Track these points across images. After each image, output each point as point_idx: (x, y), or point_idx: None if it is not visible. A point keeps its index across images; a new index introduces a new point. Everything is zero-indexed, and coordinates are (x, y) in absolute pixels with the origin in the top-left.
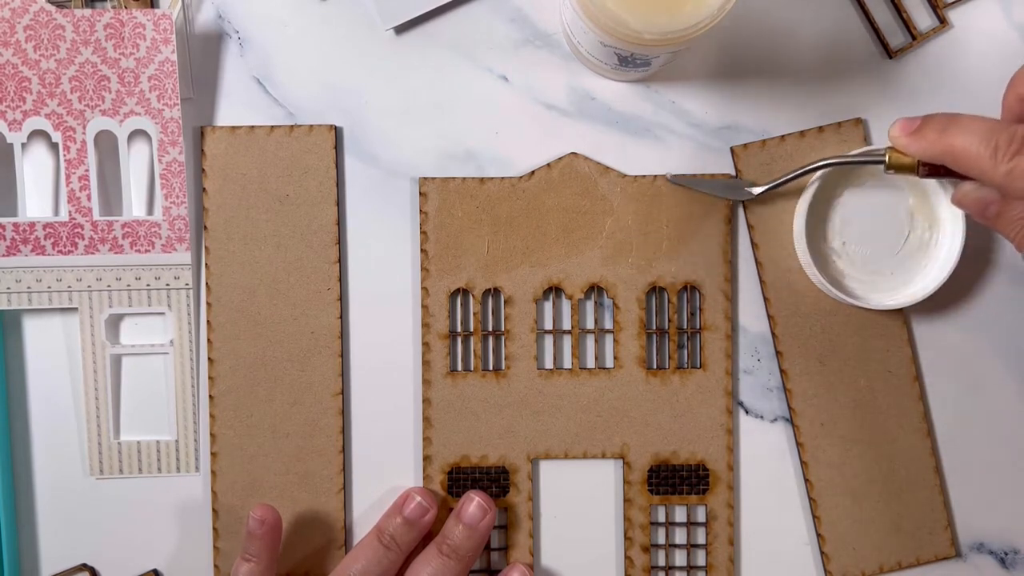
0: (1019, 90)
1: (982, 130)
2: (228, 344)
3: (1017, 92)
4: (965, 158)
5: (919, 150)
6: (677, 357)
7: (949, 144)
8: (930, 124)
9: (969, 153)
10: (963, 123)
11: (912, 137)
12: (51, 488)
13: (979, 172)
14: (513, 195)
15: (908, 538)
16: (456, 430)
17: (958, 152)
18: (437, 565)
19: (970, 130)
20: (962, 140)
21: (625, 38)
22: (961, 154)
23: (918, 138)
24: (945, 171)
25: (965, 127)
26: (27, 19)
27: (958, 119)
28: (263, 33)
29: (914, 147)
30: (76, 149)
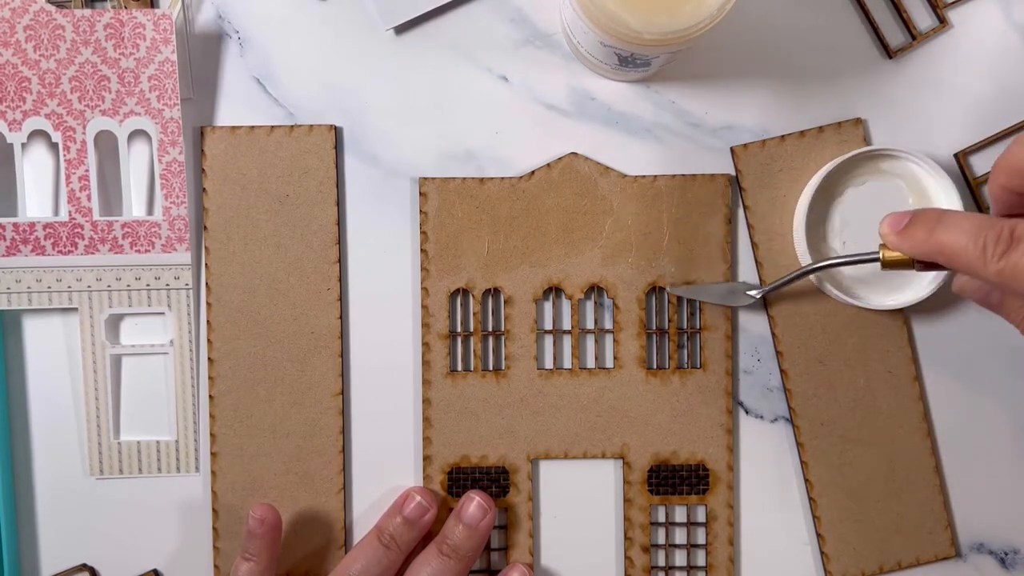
0: (1000, 180)
1: (970, 228)
2: (228, 344)
3: (999, 182)
4: (955, 257)
5: (909, 249)
6: (677, 357)
7: (938, 243)
8: (918, 222)
9: (958, 252)
10: (951, 221)
11: (901, 236)
12: (51, 488)
13: (971, 271)
14: (513, 195)
15: (908, 538)
16: (456, 430)
17: (947, 251)
18: (437, 565)
19: (959, 228)
20: (950, 239)
21: (625, 38)
22: (951, 254)
23: (907, 237)
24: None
25: (953, 225)
26: (27, 19)
27: (945, 217)
28: (263, 33)
29: (904, 247)
30: (76, 149)
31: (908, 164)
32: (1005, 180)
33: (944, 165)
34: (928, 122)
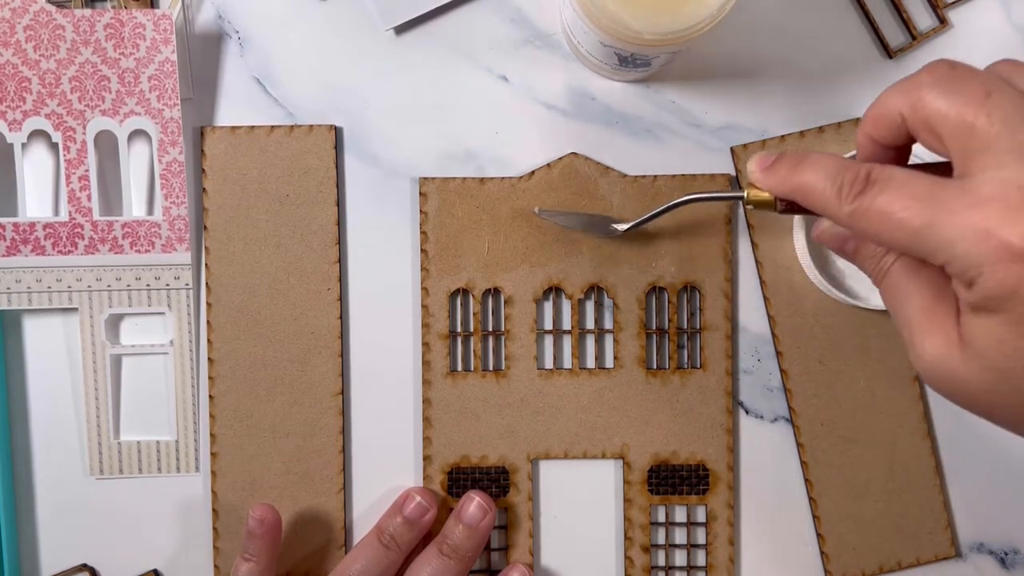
0: (866, 129)
1: (830, 168)
2: (228, 344)
3: (865, 131)
4: (813, 196)
5: (771, 186)
6: (677, 357)
7: (799, 181)
8: (783, 160)
9: (816, 191)
10: (813, 160)
11: (765, 173)
12: (51, 488)
13: (827, 211)
14: (513, 195)
15: (908, 538)
16: (456, 430)
17: (806, 189)
18: (437, 565)
19: (819, 167)
20: (810, 177)
21: (625, 38)
22: (809, 191)
23: (770, 174)
24: (802, 207)
25: (814, 164)
26: (27, 19)
27: (809, 156)
28: (263, 33)
29: (767, 183)
30: (76, 149)
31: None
32: (871, 129)
33: None
34: None
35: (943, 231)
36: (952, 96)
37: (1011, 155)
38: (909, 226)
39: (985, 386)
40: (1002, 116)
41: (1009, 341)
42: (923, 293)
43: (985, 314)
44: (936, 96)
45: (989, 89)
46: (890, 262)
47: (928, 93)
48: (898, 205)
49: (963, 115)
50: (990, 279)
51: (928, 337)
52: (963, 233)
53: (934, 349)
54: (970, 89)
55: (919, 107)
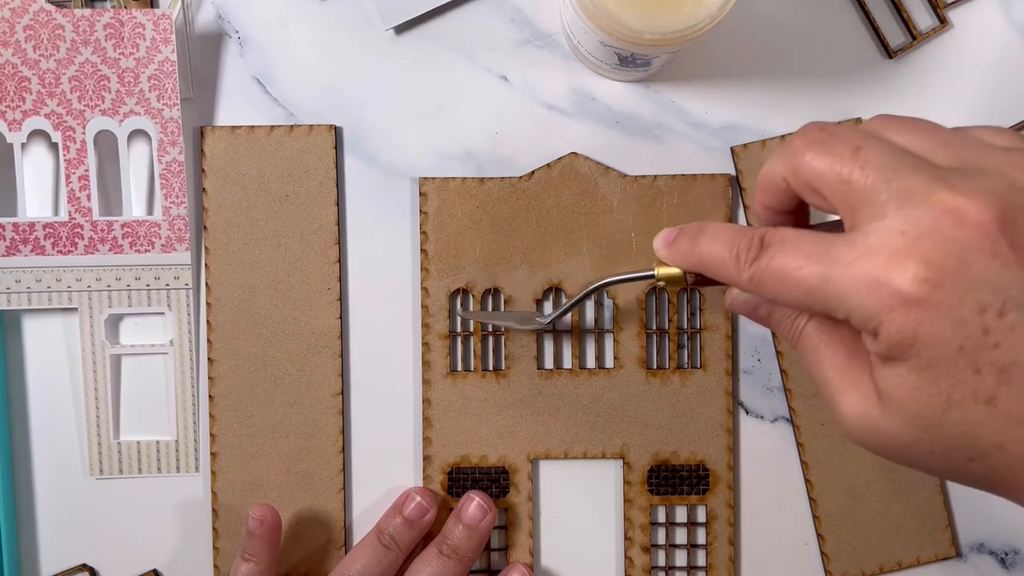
0: (759, 198)
1: (726, 236)
2: (228, 344)
3: (759, 200)
4: (713, 266)
5: (675, 261)
6: (677, 357)
7: (699, 254)
8: (683, 234)
9: (716, 261)
10: (711, 231)
11: (668, 249)
12: (51, 488)
13: (729, 279)
14: (513, 195)
15: (908, 538)
16: (456, 430)
17: (707, 261)
18: (437, 565)
19: (716, 238)
20: (709, 248)
21: (625, 38)
22: (710, 262)
23: (674, 250)
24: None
25: (712, 235)
26: (27, 19)
27: (707, 227)
28: (263, 33)
29: (671, 259)
30: (76, 149)
31: None
32: (762, 197)
33: None
34: None
35: (838, 285)
36: (825, 156)
37: (890, 204)
38: (805, 284)
39: (910, 436)
40: (874, 166)
41: (922, 388)
42: (837, 352)
43: (894, 364)
44: (812, 157)
45: (857, 144)
46: (803, 324)
47: (803, 156)
48: (792, 265)
49: (839, 172)
50: (890, 327)
51: (846, 396)
52: (856, 285)
53: (852, 407)
54: (840, 146)
55: (798, 170)
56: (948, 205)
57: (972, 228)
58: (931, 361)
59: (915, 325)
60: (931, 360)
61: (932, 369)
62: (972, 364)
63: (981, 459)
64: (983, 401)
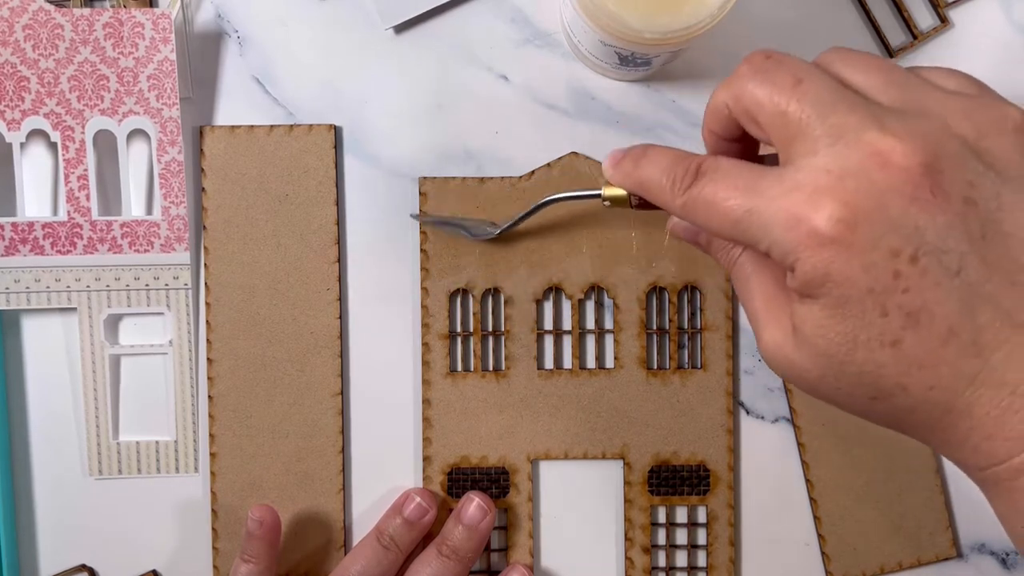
0: (707, 125)
1: (665, 161)
2: (227, 344)
3: (706, 125)
4: (652, 190)
5: (618, 181)
6: (677, 357)
7: (639, 176)
8: (628, 155)
9: (654, 185)
10: (652, 154)
11: (614, 169)
12: (51, 488)
13: (664, 204)
14: (513, 195)
15: (909, 538)
16: (456, 430)
17: (646, 184)
18: (437, 566)
19: (655, 161)
20: (649, 171)
21: (625, 37)
22: (648, 186)
23: (617, 169)
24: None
25: (653, 158)
26: (26, 18)
27: (650, 151)
28: (263, 33)
29: (615, 178)
30: (75, 149)
31: None
32: (709, 123)
33: None
34: None
35: (761, 218)
36: (766, 85)
37: (822, 140)
38: (732, 215)
39: (817, 371)
40: (812, 101)
41: (830, 326)
42: (765, 284)
43: (808, 301)
44: (754, 86)
45: (800, 76)
46: (738, 254)
47: (747, 83)
48: (721, 195)
49: (776, 103)
50: (805, 264)
51: (767, 327)
52: (777, 220)
53: (772, 339)
54: (782, 77)
55: (739, 97)
56: (876, 147)
57: (895, 171)
58: (840, 301)
59: (827, 264)
60: (840, 300)
61: (841, 309)
62: (880, 307)
63: (884, 399)
64: (888, 344)
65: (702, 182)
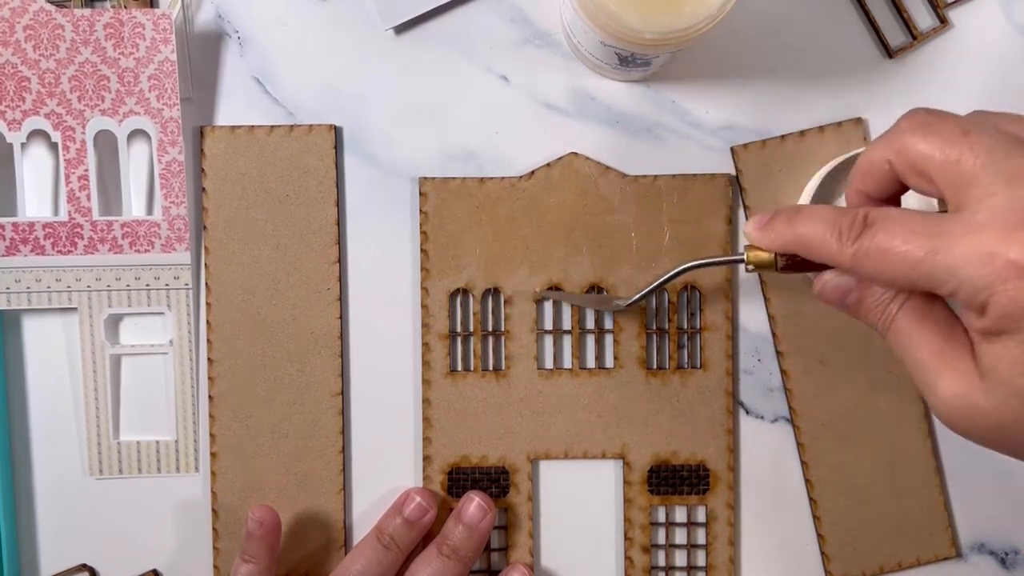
0: (856, 185)
1: (827, 216)
2: (228, 344)
3: (855, 187)
4: (812, 245)
5: (770, 242)
6: (677, 357)
7: (796, 232)
8: (778, 215)
9: (815, 240)
10: (808, 211)
11: (762, 232)
12: (51, 488)
13: (829, 257)
14: (513, 195)
15: (909, 538)
16: (456, 430)
17: (805, 240)
18: (437, 566)
19: (815, 217)
20: (809, 227)
21: (625, 38)
22: (808, 242)
23: (768, 231)
24: (801, 263)
25: (810, 215)
26: (26, 19)
27: (804, 208)
28: (263, 33)
29: (765, 240)
30: (75, 149)
31: None
32: (860, 184)
33: None
34: None
35: (947, 259)
36: (933, 137)
37: (999, 183)
38: (911, 258)
39: (1014, 414)
40: (984, 149)
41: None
42: (932, 336)
43: (1002, 338)
44: (918, 140)
45: (966, 128)
46: (895, 310)
47: (910, 138)
48: (898, 240)
49: (947, 153)
50: (1002, 298)
51: (943, 378)
52: (967, 258)
53: (951, 389)
54: (948, 129)
55: (904, 152)
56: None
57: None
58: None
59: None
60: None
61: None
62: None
63: None
64: None
65: (873, 230)
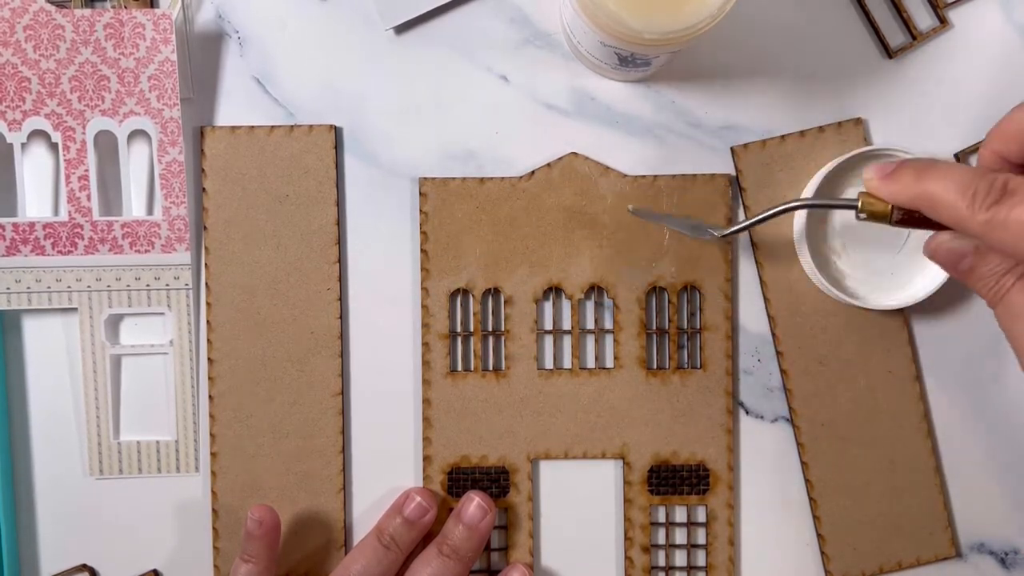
0: (994, 146)
1: (960, 177)
2: (228, 344)
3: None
4: (942, 204)
5: (893, 194)
6: (677, 357)
7: (925, 189)
8: (906, 168)
9: (946, 200)
10: (941, 169)
11: (886, 180)
12: (51, 488)
13: (956, 220)
14: (513, 195)
15: (908, 538)
16: (456, 430)
17: (935, 197)
18: (437, 565)
19: (948, 176)
20: (939, 185)
21: (625, 38)
22: (938, 200)
23: (892, 181)
24: (919, 219)
25: (943, 173)
26: (27, 19)
27: (935, 165)
28: (263, 33)
29: (888, 191)
30: (76, 149)
31: None
32: (1000, 146)
33: None
34: (928, 122)
35: None
36: None
37: None
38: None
39: None
40: None
41: None
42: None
43: None
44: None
45: None
46: (1009, 283)
47: None
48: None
49: None
50: None
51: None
52: None
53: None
54: None
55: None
56: None
57: None
58: None
59: None
60: None
61: None
62: None
63: None
64: None
65: (1012, 200)
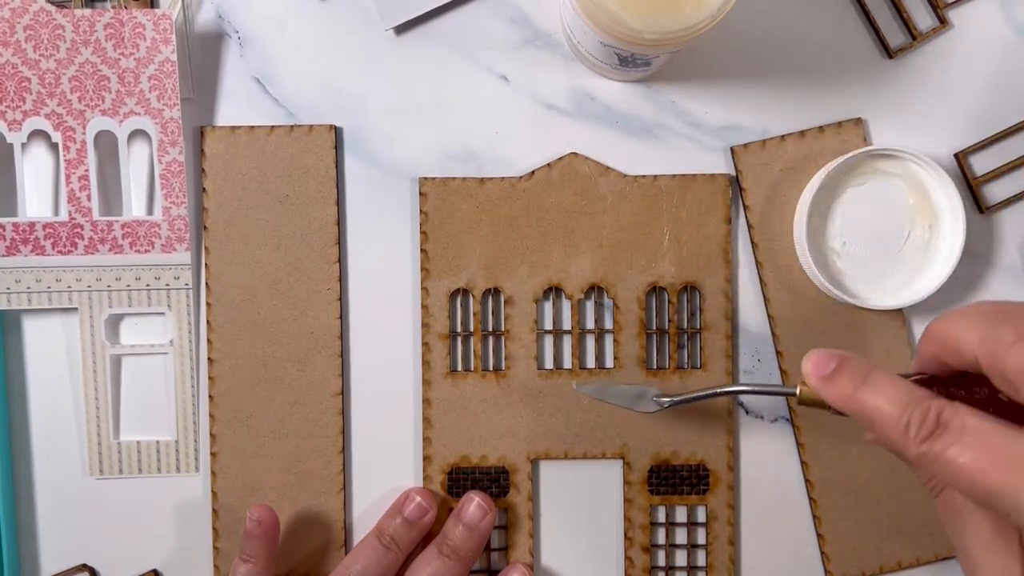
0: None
1: (898, 399)
2: (228, 344)
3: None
4: (878, 423)
5: (830, 399)
6: (677, 357)
7: (861, 404)
8: (845, 373)
9: (881, 420)
10: (879, 384)
11: (824, 383)
12: (51, 488)
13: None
14: (513, 195)
15: (908, 538)
16: (456, 430)
17: (871, 415)
18: (437, 566)
19: (886, 395)
20: (874, 403)
21: (625, 38)
22: (874, 418)
23: (831, 386)
24: None
25: (880, 389)
26: (27, 19)
27: (873, 377)
28: (263, 33)
29: (827, 393)
30: (76, 149)
31: (908, 164)
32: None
33: (944, 165)
34: (928, 122)
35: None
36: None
37: None
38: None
39: None
40: None
41: None
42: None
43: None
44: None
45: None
46: None
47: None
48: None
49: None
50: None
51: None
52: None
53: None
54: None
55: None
56: None
57: None
58: None
59: None
60: None
61: None
62: None
63: None
64: None
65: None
